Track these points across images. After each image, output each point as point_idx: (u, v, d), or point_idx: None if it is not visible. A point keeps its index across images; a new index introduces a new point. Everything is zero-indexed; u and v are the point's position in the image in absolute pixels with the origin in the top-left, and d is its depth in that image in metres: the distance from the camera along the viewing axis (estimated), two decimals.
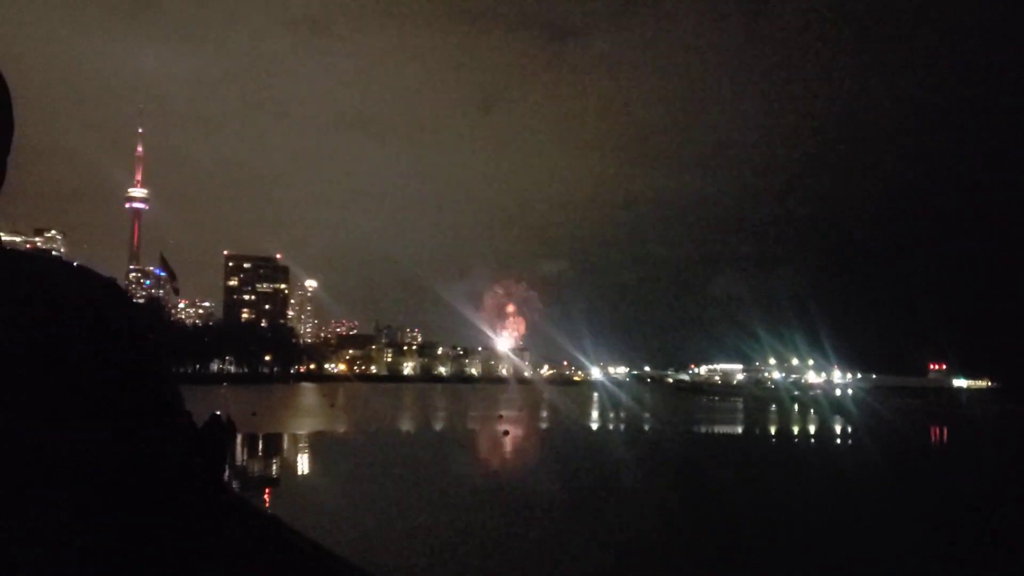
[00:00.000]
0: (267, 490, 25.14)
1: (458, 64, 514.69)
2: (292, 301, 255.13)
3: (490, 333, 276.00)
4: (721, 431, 60.65)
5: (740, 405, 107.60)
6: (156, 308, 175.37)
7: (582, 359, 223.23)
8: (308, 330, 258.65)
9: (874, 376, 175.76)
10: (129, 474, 0.69)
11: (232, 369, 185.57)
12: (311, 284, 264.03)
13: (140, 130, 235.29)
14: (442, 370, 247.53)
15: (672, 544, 18.08)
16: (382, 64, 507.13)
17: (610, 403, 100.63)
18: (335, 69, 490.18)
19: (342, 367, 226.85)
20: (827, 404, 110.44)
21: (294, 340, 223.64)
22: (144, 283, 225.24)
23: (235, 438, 29.15)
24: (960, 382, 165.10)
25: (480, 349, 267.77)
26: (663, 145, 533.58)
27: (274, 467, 32.53)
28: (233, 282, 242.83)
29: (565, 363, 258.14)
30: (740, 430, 62.94)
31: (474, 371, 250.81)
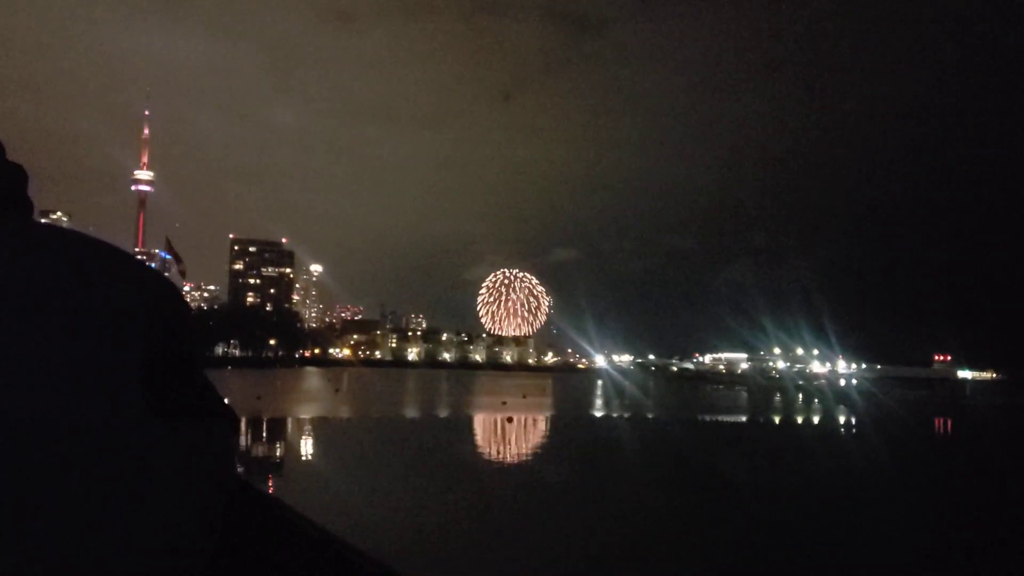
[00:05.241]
0: (269, 475, 25.15)
1: (481, 54, 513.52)
2: (297, 285, 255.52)
3: (495, 320, 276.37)
4: (725, 419, 60.60)
5: (744, 394, 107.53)
6: None
7: (586, 347, 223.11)
8: (313, 315, 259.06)
9: (879, 366, 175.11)
10: (182, 472, 0.70)
11: (236, 353, 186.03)
12: (316, 269, 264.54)
13: (147, 112, 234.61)
14: (446, 356, 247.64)
15: (669, 541, 18.03)
16: (404, 54, 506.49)
17: (614, 391, 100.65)
18: (358, 58, 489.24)
19: (346, 352, 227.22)
20: (831, 394, 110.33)
21: (299, 324, 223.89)
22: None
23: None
24: (965, 373, 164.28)
25: (484, 336, 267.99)
26: (678, 136, 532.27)
27: (278, 451, 32.56)
28: (238, 266, 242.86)
29: (570, 351, 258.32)
30: (744, 419, 62.90)
31: (478, 357, 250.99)
